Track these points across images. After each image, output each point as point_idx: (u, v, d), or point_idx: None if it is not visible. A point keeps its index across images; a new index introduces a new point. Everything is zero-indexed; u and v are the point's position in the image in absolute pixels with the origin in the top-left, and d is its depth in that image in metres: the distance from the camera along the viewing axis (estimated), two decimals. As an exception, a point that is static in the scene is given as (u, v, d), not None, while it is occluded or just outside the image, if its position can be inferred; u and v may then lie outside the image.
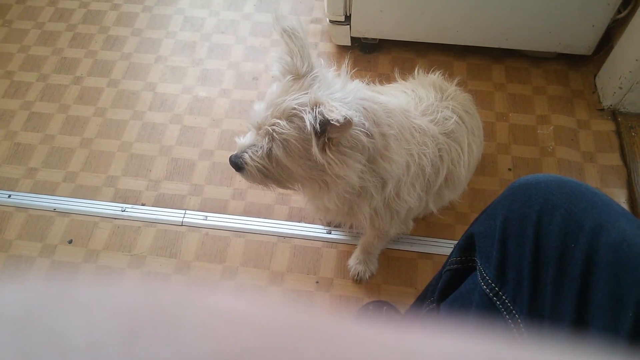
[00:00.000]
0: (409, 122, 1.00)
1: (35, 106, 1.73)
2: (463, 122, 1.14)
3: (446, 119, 1.10)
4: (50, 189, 1.55)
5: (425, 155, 1.02)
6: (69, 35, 1.91)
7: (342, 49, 1.83)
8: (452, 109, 1.13)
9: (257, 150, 0.90)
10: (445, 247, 1.41)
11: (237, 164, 0.92)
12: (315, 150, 0.82)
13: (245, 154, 0.91)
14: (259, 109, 0.88)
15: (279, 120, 0.84)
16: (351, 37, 1.76)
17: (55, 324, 0.16)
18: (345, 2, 1.65)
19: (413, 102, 1.10)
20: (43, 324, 0.16)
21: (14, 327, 0.16)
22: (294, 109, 0.83)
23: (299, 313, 0.19)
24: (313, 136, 0.81)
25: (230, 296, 0.20)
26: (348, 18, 1.70)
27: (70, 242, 1.45)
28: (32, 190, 1.55)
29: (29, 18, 1.96)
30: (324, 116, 0.77)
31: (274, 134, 0.85)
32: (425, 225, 1.45)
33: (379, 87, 1.20)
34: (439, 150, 1.07)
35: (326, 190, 0.94)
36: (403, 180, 0.99)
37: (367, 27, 1.71)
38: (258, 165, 0.90)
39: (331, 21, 1.73)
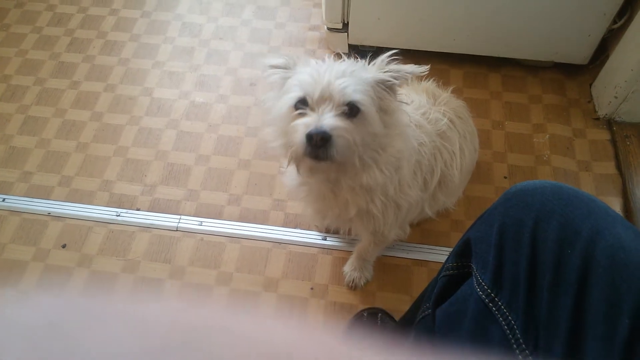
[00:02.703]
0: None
1: (32, 110, 1.72)
2: (454, 126, 1.17)
3: (438, 120, 1.13)
4: (45, 193, 1.54)
5: (423, 144, 1.05)
6: (67, 40, 1.91)
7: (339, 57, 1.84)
8: (443, 113, 1.15)
9: (338, 117, 0.85)
10: (440, 254, 1.41)
11: (325, 132, 0.83)
12: (393, 97, 0.93)
13: (326, 122, 0.83)
14: (314, 83, 0.86)
15: (348, 83, 0.86)
16: (349, 44, 1.77)
17: (78, 336, 0.16)
18: (343, 10, 1.66)
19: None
20: (66, 336, 0.16)
21: (38, 336, 0.16)
22: (355, 72, 0.90)
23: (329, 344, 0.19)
24: (388, 91, 0.92)
25: (264, 323, 0.20)
26: (346, 26, 1.71)
27: (64, 246, 1.44)
28: (26, 194, 1.54)
29: (27, 22, 1.96)
30: (405, 70, 0.91)
31: (355, 94, 0.85)
32: (421, 232, 1.45)
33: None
34: (433, 148, 1.10)
35: (375, 163, 0.93)
36: (405, 170, 1.01)
37: (364, 35, 1.72)
38: (345, 128, 0.85)
39: (329, 29, 1.74)
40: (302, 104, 0.87)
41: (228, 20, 1.96)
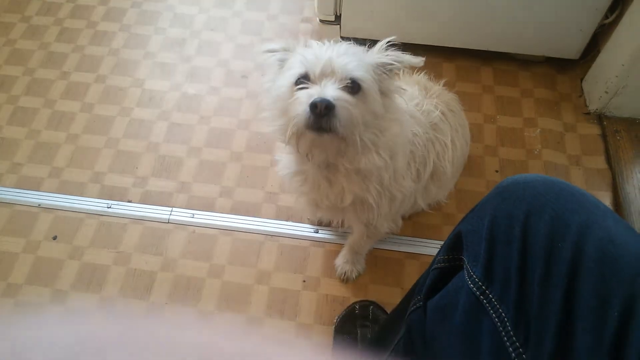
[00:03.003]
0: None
1: (21, 101, 1.71)
2: (446, 119, 1.17)
3: (430, 112, 1.14)
4: (35, 185, 1.53)
5: (417, 135, 1.06)
6: (56, 30, 1.89)
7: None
8: (435, 105, 1.16)
9: (341, 90, 0.85)
10: (432, 248, 1.42)
11: (329, 100, 0.82)
12: (392, 81, 0.94)
13: (329, 92, 0.84)
14: (316, 59, 0.87)
15: (350, 60, 0.86)
16: (341, 37, 1.76)
17: None
18: (336, 2, 1.65)
19: None
20: None
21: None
22: (356, 53, 0.89)
23: None
24: (388, 74, 0.93)
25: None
26: (338, 18, 1.71)
27: (54, 238, 1.43)
28: (16, 185, 1.53)
29: (15, 11, 1.93)
30: (403, 58, 0.92)
31: (357, 71, 0.86)
32: (413, 225, 1.46)
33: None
34: (426, 140, 1.10)
35: (374, 145, 0.94)
36: (400, 160, 1.01)
37: (357, 27, 1.71)
38: (347, 101, 0.85)
39: (321, 21, 1.73)
40: (304, 78, 0.88)
41: (219, 11, 1.95)
